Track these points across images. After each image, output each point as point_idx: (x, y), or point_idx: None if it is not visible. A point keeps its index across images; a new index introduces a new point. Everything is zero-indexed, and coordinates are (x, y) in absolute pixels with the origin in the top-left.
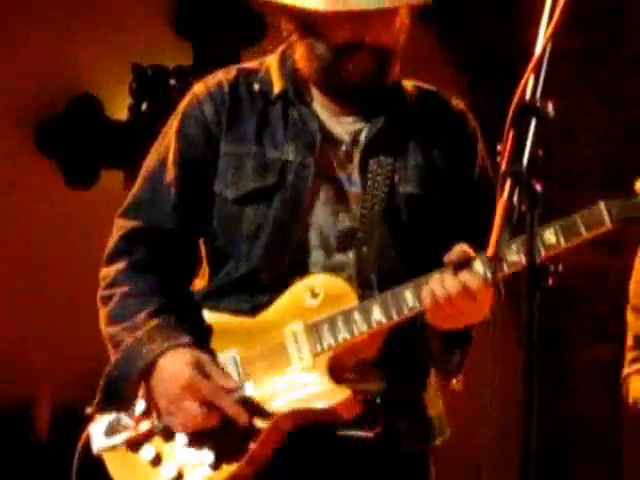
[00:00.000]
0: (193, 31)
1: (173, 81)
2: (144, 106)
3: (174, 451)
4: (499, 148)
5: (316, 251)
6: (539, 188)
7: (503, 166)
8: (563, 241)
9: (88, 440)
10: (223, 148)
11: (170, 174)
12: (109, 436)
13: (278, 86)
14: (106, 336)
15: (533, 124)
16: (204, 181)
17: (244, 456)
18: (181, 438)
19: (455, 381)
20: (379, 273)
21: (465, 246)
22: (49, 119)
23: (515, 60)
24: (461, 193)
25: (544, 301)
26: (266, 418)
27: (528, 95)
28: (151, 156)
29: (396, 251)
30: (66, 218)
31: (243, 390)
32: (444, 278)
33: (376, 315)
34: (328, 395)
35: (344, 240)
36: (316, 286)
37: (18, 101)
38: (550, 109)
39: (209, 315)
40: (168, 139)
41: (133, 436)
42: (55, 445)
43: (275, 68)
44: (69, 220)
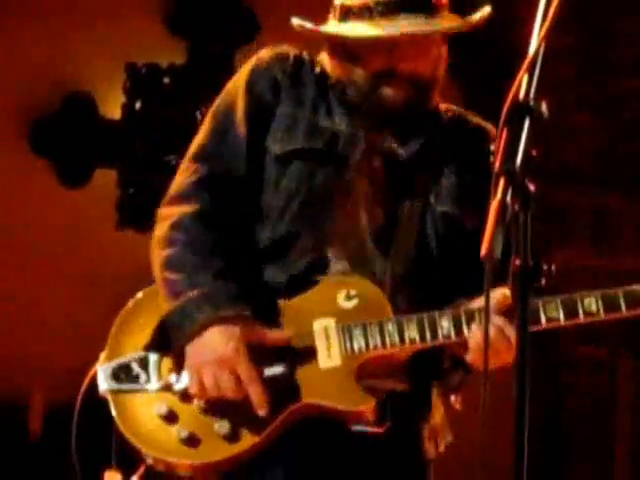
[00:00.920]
0: (187, 30)
1: (167, 80)
2: (138, 105)
3: (189, 413)
4: (492, 147)
5: (354, 232)
6: (532, 188)
7: (496, 165)
8: (602, 312)
9: (94, 380)
10: (281, 109)
11: (240, 125)
12: (118, 381)
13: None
14: (161, 278)
15: (527, 123)
16: (265, 134)
17: (259, 435)
18: (198, 402)
19: (455, 400)
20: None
21: (507, 292)
22: (43, 118)
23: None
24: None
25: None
26: (286, 405)
27: (522, 94)
28: (216, 110)
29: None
30: (60, 217)
31: (269, 369)
32: (499, 326)
33: (411, 334)
34: (353, 399)
35: (379, 234)
36: (352, 288)
37: (12, 100)
38: (544, 108)
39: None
40: (233, 95)
41: (147, 388)
42: (48, 442)
43: (328, 65)
44: (63, 219)
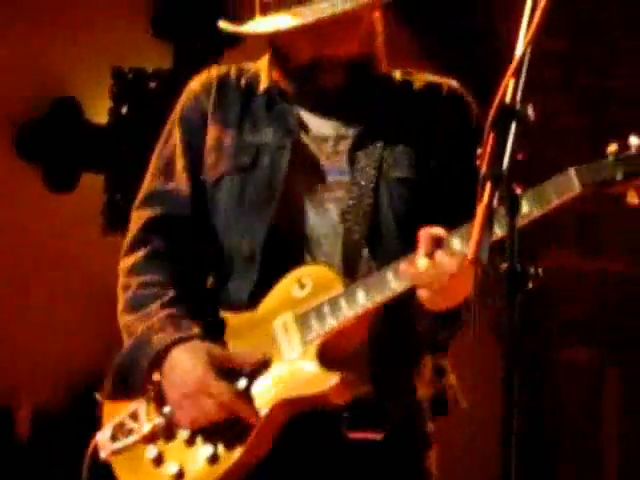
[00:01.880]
0: (173, 34)
1: (153, 84)
2: (124, 109)
3: (175, 449)
4: (479, 151)
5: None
6: (519, 191)
7: (483, 169)
8: (535, 209)
9: (96, 448)
10: (209, 134)
11: (179, 163)
12: (115, 441)
13: (264, 84)
14: (122, 325)
15: (513, 127)
16: (201, 167)
17: (241, 449)
18: (181, 435)
19: (462, 402)
20: (367, 259)
21: (437, 228)
22: (29, 123)
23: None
24: (457, 175)
25: (526, 303)
26: (260, 411)
27: (508, 98)
28: (158, 152)
29: (385, 239)
30: (46, 222)
31: (237, 384)
32: (419, 260)
33: (361, 300)
34: (318, 381)
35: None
36: (303, 277)
37: None
38: (530, 112)
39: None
40: (172, 135)
41: (137, 438)
42: (36, 446)
43: (265, 68)
44: (49, 224)
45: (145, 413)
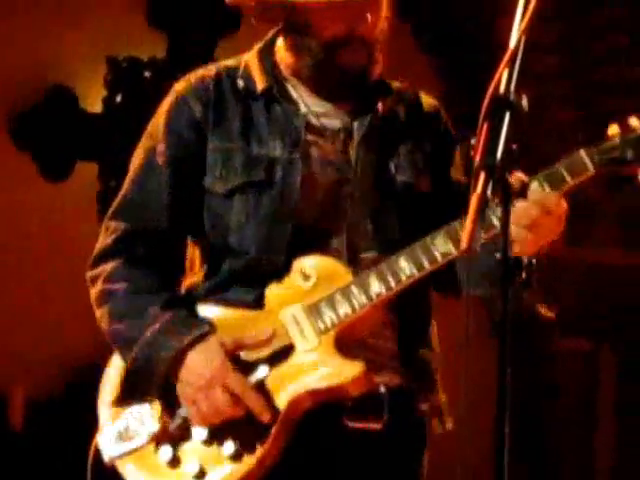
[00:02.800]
0: (167, 23)
1: (148, 73)
2: (118, 98)
3: (193, 448)
4: (473, 142)
5: (315, 239)
6: (526, 178)
7: (477, 159)
8: (550, 191)
9: (97, 452)
10: (211, 144)
11: (161, 175)
12: (120, 444)
13: (261, 83)
14: (112, 332)
15: (507, 117)
16: (195, 178)
17: (264, 445)
18: (198, 434)
19: (448, 422)
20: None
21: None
22: (23, 111)
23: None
24: (445, 181)
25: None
26: (278, 406)
27: (502, 88)
28: (137, 156)
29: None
30: (41, 210)
31: (257, 372)
32: (517, 205)
33: (374, 287)
34: (340, 372)
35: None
36: (306, 268)
37: None
38: (524, 102)
39: (209, 309)
40: (154, 139)
41: (146, 440)
42: (29, 435)
43: (255, 66)
44: (44, 213)
45: (151, 415)
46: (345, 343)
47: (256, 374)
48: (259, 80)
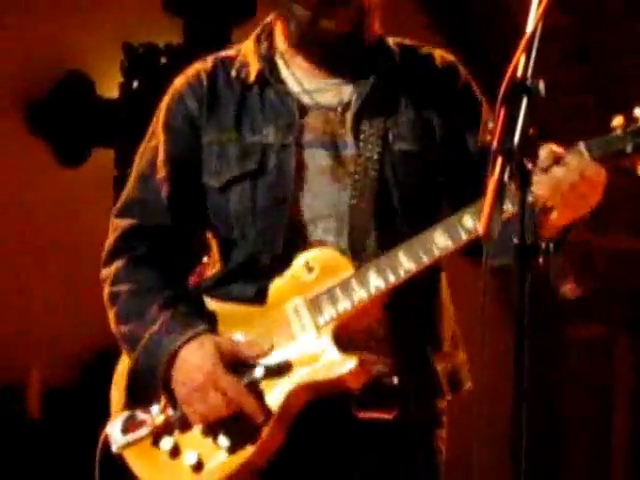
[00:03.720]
0: (183, 10)
1: (164, 59)
2: (135, 84)
3: (191, 440)
4: (490, 126)
5: (313, 224)
6: (530, 166)
7: (494, 144)
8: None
9: (107, 441)
10: (206, 138)
11: (161, 171)
12: (126, 434)
13: (254, 68)
14: (119, 335)
15: (524, 102)
16: (194, 174)
17: (259, 438)
18: (197, 427)
19: (467, 382)
20: (375, 237)
21: (552, 146)
22: (40, 98)
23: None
24: (460, 147)
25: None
26: (277, 398)
27: (520, 73)
28: (141, 154)
29: (393, 213)
30: (58, 196)
31: (254, 373)
32: (554, 171)
33: (373, 281)
34: (336, 364)
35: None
36: (309, 260)
37: (9, 80)
38: (541, 87)
39: (214, 304)
40: (156, 136)
41: (150, 431)
42: (46, 422)
43: (251, 51)
44: (60, 197)
45: (156, 407)
46: (343, 337)
47: (253, 372)
48: (253, 66)
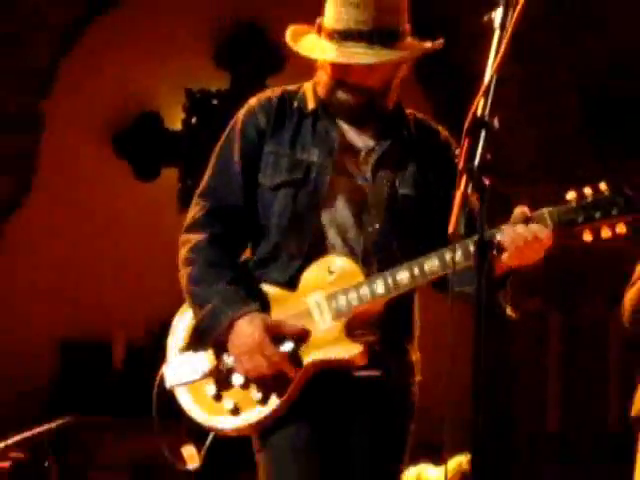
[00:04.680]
0: (230, 63)
1: (215, 101)
2: (194, 120)
3: (232, 390)
4: (457, 152)
5: (332, 229)
6: (487, 182)
7: (460, 165)
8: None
9: (162, 378)
10: (267, 148)
11: (236, 165)
12: (180, 375)
13: (311, 104)
14: (189, 291)
15: (483, 134)
16: (255, 171)
17: (284, 394)
18: (237, 380)
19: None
20: (378, 254)
21: (524, 208)
22: (122, 130)
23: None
24: (446, 196)
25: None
26: (300, 367)
27: (479, 111)
28: (219, 150)
29: (393, 237)
30: (135, 203)
31: (285, 346)
32: (518, 227)
33: (379, 290)
34: (346, 349)
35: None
36: (332, 265)
37: (99, 116)
38: (496, 123)
39: (259, 284)
40: (231, 138)
41: (200, 377)
42: (128, 373)
43: (310, 91)
44: (138, 204)
45: (206, 358)
46: (351, 328)
47: (285, 346)
48: (310, 102)
